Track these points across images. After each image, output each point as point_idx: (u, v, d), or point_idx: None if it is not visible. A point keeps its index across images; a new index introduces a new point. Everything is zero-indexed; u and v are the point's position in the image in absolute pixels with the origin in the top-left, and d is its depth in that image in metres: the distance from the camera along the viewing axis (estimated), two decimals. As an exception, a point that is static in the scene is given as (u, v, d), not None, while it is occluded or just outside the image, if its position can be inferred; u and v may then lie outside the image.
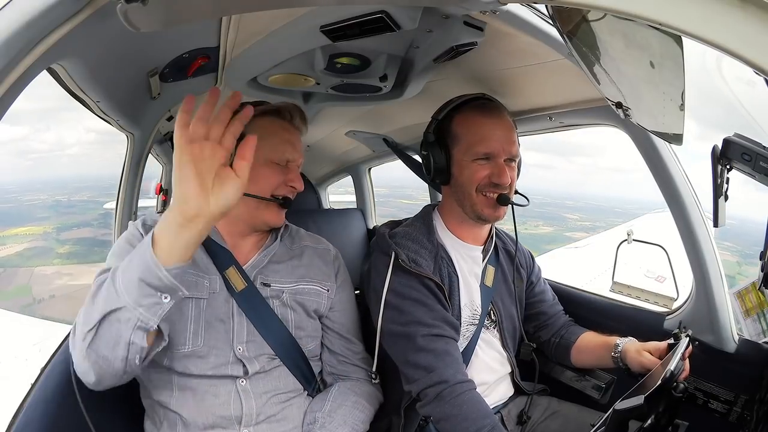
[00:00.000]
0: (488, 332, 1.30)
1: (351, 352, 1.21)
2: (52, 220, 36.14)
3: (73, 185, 57.74)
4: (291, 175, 1.12)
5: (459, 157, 1.21)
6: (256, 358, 1.06)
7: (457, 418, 1.04)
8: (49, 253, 27.34)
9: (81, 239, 27.65)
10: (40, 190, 57.02)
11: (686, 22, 0.46)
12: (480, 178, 1.18)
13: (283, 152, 1.10)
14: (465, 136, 1.21)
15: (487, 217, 1.22)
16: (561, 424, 1.29)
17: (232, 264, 1.09)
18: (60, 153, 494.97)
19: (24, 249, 28.37)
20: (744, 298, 1.19)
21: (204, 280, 1.06)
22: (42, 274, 22.94)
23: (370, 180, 2.94)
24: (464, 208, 1.23)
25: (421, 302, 1.15)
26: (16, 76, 0.61)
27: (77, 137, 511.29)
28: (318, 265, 1.19)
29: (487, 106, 1.24)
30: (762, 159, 0.83)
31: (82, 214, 38.20)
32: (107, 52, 0.92)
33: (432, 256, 1.21)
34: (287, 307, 1.11)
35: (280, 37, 1.09)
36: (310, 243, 1.23)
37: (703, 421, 1.12)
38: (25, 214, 41.10)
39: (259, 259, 1.13)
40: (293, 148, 1.12)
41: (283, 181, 1.10)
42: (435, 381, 1.08)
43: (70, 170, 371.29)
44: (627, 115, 0.88)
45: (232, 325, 1.06)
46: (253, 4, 0.77)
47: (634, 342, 1.16)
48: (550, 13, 0.73)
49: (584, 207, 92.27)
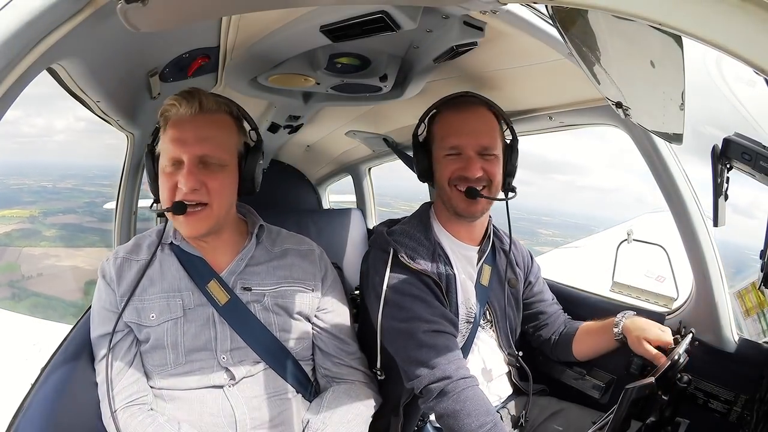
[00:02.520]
0: (484, 332, 1.30)
1: (345, 352, 1.19)
2: (39, 205, 36.52)
3: (57, 172, 57.99)
4: (179, 175, 0.99)
5: (436, 154, 1.24)
6: (240, 363, 1.06)
7: (460, 414, 1.04)
8: (36, 236, 27.90)
9: (66, 224, 28.37)
10: (25, 175, 57.20)
11: (686, 22, 0.46)
12: (450, 172, 1.20)
13: (165, 154, 1.01)
14: (438, 133, 1.23)
15: (461, 212, 1.22)
16: (561, 424, 1.29)
17: (213, 277, 1.07)
18: (47, 139, 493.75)
19: (12, 230, 28.90)
20: (744, 298, 1.19)
21: (176, 299, 1.06)
22: (30, 254, 23.45)
23: (370, 180, 2.94)
24: (445, 205, 1.25)
25: (421, 298, 1.15)
26: (16, 76, 0.61)
27: (67, 124, 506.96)
28: (301, 265, 1.16)
29: (462, 101, 1.23)
30: (762, 158, 0.83)
31: (66, 201, 38.96)
32: (107, 52, 0.92)
33: (430, 254, 1.22)
34: (269, 311, 1.10)
35: (280, 37, 1.09)
36: (291, 245, 1.19)
37: (703, 420, 1.12)
38: (11, 197, 41.20)
39: (236, 264, 1.10)
40: (179, 144, 1.00)
41: (174, 185, 1.00)
42: (438, 377, 1.07)
43: (56, 157, 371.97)
44: (627, 115, 0.88)
45: (214, 334, 1.06)
46: (253, 4, 0.77)
47: (634, 321, 1.16)
48: (550, 13, 0.73)
49: (560, 223, 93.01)
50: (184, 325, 1.05)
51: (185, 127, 1.01)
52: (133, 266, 1.09)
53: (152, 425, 1.00)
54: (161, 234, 1.12)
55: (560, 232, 72.13)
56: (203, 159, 1.00)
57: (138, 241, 1.14)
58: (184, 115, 1.01)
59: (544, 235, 60.77)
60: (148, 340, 1.05)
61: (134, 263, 1.09)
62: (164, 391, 1.06)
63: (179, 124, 1.01)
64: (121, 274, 1.08)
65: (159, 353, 1.05)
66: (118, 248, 1.14)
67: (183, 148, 0.99)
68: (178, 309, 1.05)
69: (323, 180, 3.10)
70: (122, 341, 1.06)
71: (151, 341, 1.05)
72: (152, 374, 1.06)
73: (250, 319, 1.07)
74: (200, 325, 1.05)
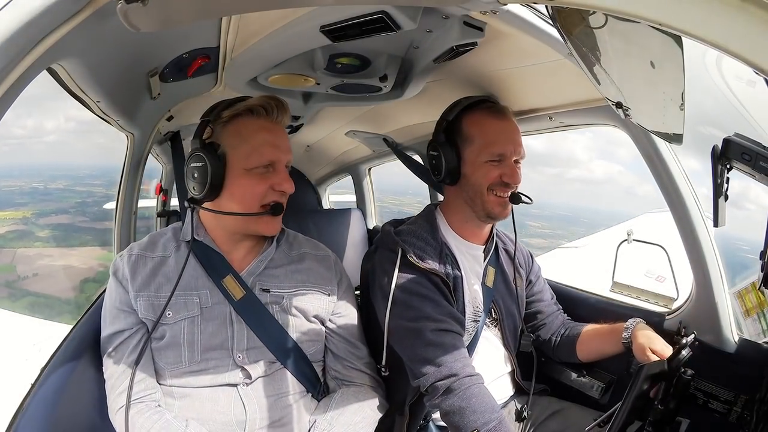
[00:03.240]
0: (489, 330, 1.31)
1: (355, 356, 1.20)
2: (30, 206, 36.78)
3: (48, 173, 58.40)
4: (277, 179, 1.06)
5: (472, 157, 1.23)
6: (257, 363, 1.06)
7: (465, 411, 1.04)
8: (30, 236, 28.05)
9: (59, 225, 28.61)
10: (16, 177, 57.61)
11: (686, 22, 0.46)
12: (492, 178, 1.22)
13: (261, 156, 1.04)
14: (478, 137, 1.23)
15: (497, 216, 1.25)
16: (561, 423, 1.29)
17: (229, 272, 1.08)
18: (37, 140, 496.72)
19: (6, 231, 29.09)
20: (744, 298, 1.19)
21: (193, 298, 1.06)
22: (25, 255, 23.69)
23: (370, 180, 2.94)
24: (474, 207, 1.25)
25: (429, 298, 1.16)
26: (16, 76, 0.61)
27: (57, 125, 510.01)
28: (318, 270, 1.18)
29: (498, 108, 1.28)
30: (762, 159, 0.82)
31: (58, 202, 39.23)
32: (107, 52, 0.91)
33: (437, 254, 1.23)
34: (287, 313, 1.11)
35: (280, 37, 1.09)
36: (308, 249, 1.22)
37: (703, 420, 1.12)
38: (3, 199, 41.37)
39: (256, 265, 1.12)
40: (275, 148, 1.05)
41: (269, 187, 1.05)
42: (445, 374, 1.08)
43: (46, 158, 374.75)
44: (627, 115, 0.88)
45: (231, 333, 1.06)
46: (253, 4, 0.77)
47: (642, 329, 1.17)
48: (550, 13, 0.73)
49: (550, 216, 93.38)
50: (201, 324, 1.05)
51: (278, 133, 1.08)
52: (148, 263, 1.09)
53: (159, 422, 0.99)
54: (178, 232, 1.13)
55: (549, 224, 72.73)
56: (287, 165, 1.09)
57: (153, 239, 1.14)
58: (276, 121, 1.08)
59: (533, 227, 61.18)
60: (162, 337, 1.04)
61: (149, 260, 1.09)
62: (175, 389, 1.05)
63: (272, 129, 1.07)
64: (136, 270, 1.07)
65: (174, 351, 1.04)
66: (132, 245, 1.14)
67: (279, 153, 1.06)
68: (195, 307, 1.05)
69: (323, 180, 3.10)
70: (131, 338, 1.05)
71: (166, 339, 1.04)
72: (164, 372, 1.05)
73: (266, 317, 1.08)
74: (217, 324, 1.05)
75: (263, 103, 1.06)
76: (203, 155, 1.03)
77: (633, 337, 1.16)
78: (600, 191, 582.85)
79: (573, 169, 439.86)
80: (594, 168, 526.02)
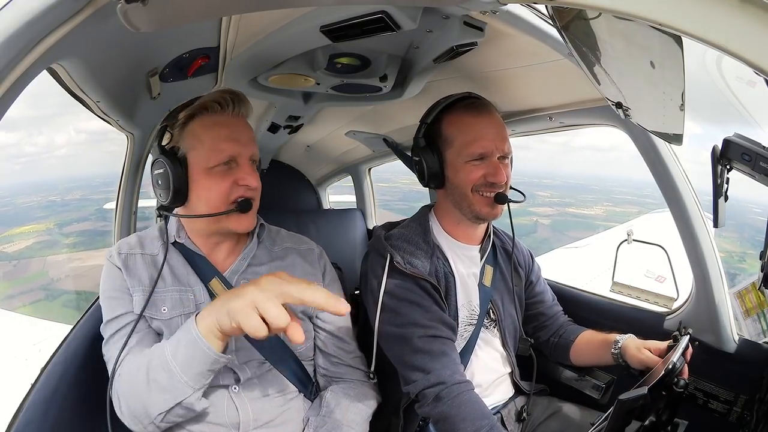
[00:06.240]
0: (488, 332, 1.30)
1: (344, 351, 1.18)
2: (51, 219, 37.63)
3: (63, 186, 59.06)
4: (241, 173, 1.02)
5: (452, 159, 1.20)
6: (246, 364, 1.05)
7: (455, 419, 1.04)
8: (57, 245, 29.41)
9: (83, 231, 29.79)
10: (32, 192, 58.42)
11: (686, 22, 0.46)
12: (475, 179, 1.17)
13: (220, 152, 1.01)
14: (457, 138, 1.19)
15: (485, 216, 1.21)
16: (561, 423, 1.29)
17: (215, 275, 1.07)
18: (48, 155, 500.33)
19: (33, 243, 30.65)
20: (744, 298, 1.19)
21: (189, 294, 1.05)
22: (55, 261, 25.01)
23: (370, 180, 2.94)
24: (462, 210, 1.22)
25: (417, 303, 1.15)
26: (16, 76, 0.61)
27: (67, 138, 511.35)
28: (301, 265, 1.16)
29: (476, 105, 1.21)
30: (762, 159, 0.83)
31: (78, 211, 40.12)
32: (107, 52, 0.91)
33: (428, 258, 1.21)
34: None
35: (280, 37, 1.09)
36: (291, 244, 1.19)
37: (703, 421, 1.12)
38: (23, 215, 42.31)
39: (238, 263, 1.11)
40: (234, 142, 1.01)
41: (233, 183, 1.02)
42: (433, 382, 1.08)
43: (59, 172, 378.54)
44: (627, 115, 0.88)
45: None
46: (253, 4, 0.77)
47: (634, 339, 1.16)
48: (550, 13, 0.73)
49: (560, 185, 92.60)
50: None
51: (236, 127, 1.04)
52: (138, 259, 1.08)
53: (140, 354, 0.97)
54: (164, 232, 1.12)
55: (558, 193, 72.49)
56: (252, 158, 1.05)
57: (140, 239, 1.13)
58: (234, 114, 1.04)
59: (542, 197, 60.89)
60: (159, 334, 1.04)
61: (139, 256, 1.09)
62: None
63: (228, 123, 1.03)
64: (127, 266, 1.07)
65: None
66: (119, 243, 1.13)
67: (239, 147, 1.02)
68: (190, 304, 1.05)
69: (323, 180, 3.10)
70: (129, 325, 1.03)
71: (163, 336, 1.03)
72: None
73: None
74: None
75: (217, 98, 1.03)
76: (164, 161, 1.02)
77: (624, 348, 1.14)
78: (608, 158, 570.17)
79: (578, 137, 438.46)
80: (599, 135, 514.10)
